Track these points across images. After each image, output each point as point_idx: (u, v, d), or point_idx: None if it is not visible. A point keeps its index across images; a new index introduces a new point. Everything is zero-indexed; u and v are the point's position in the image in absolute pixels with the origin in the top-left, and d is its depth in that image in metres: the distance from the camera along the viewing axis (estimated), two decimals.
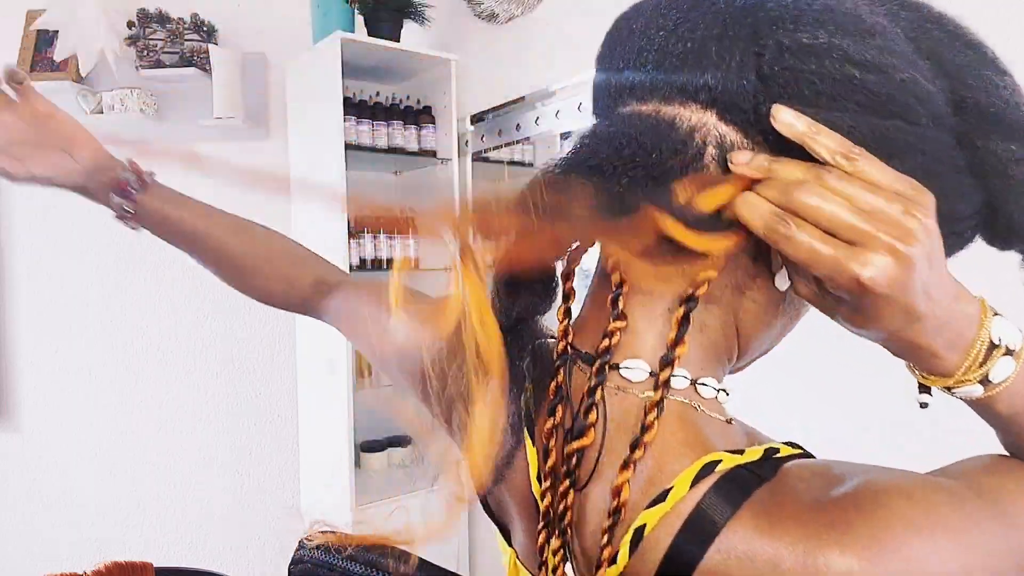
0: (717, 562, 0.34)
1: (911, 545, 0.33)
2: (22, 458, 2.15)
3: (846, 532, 0.33)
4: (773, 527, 0.34)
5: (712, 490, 0.36)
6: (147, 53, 2.08)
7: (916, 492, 0.35)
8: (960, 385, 0.37)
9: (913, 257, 0.32)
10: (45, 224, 2.15)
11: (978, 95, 0.37)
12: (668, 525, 0.36)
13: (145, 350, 2.22)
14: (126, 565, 0.62)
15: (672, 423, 0.39)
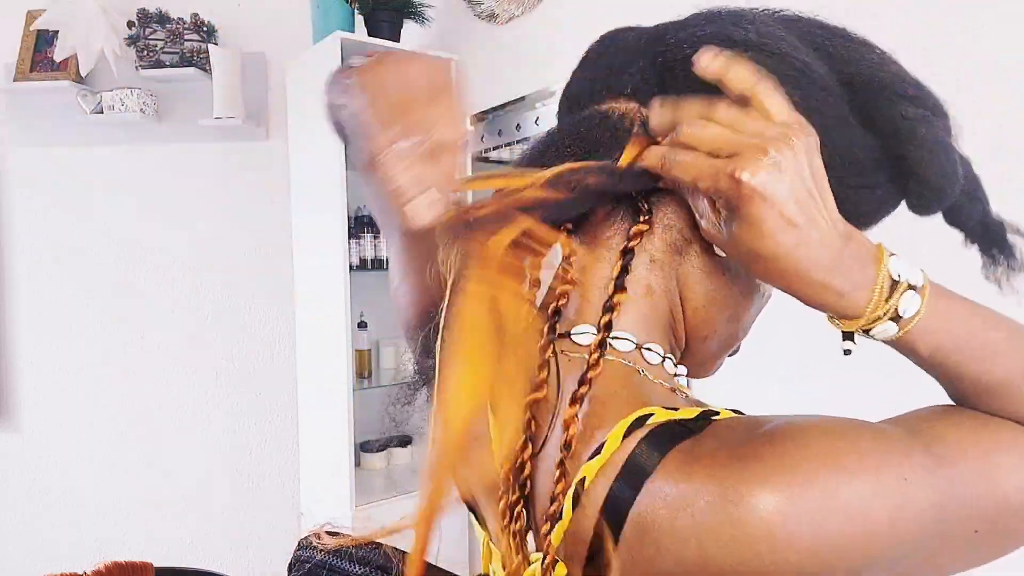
0: (645, 507, 0.35)
1: (826, 478, 0.32)
2: (22, 458, 2.15)
3: (759, 466, 0.33)
4: (692, 468, 0.34)
5: (643, 440, 0.37)
6: (147, 53, 2.08)
7: (836, 429, 0.35)
8: (873, 324, 0.39)
9: (784, 162, 0.35)
10: (45, 224, 2.16)
11: (861, 69, 0.42)
12: (605, 477, 0.37)
13: (145, 350, 2.22)
14: (126, 565, 0.62)
15: (615, 383, 0.41)
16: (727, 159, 0.36)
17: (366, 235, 2.22)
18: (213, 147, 2.25)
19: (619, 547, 0.35)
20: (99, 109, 2.05)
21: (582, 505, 0.37)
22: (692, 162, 0.38)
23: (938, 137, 0.42)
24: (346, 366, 1.98)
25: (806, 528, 0.32)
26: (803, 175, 0.36)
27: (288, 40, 2.27)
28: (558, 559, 0.39)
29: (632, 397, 0.40)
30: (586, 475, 0.37)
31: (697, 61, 0.38)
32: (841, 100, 0.42)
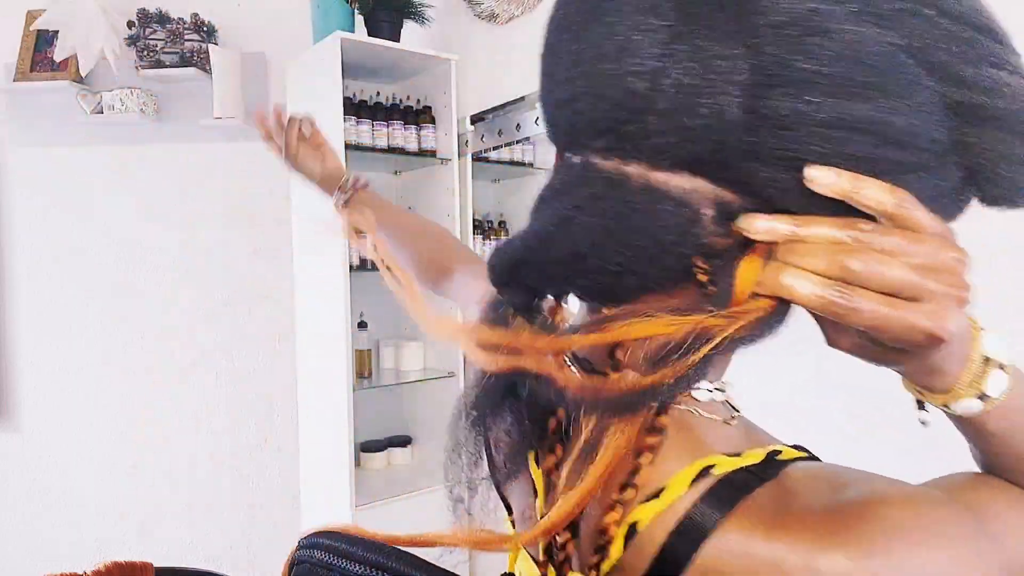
0: (711, 560, 0.34)
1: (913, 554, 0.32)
2: (22, 458, 2.15)
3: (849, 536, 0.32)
4: (774, 527, 0.34)
5: (709, 492, 0.36)
6: (147, 53, 2.08)
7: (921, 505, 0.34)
8: (958, 400, 0.37)
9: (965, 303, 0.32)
10: (45, 224, 2.16)
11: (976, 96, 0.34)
12: (662, 523, 0.36)
13: (145, 350, 2.22)
14: (126, 565, 0.62)
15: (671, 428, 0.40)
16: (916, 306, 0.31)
17: (366, 235, 2.22)
18: (213, 147, 2.25)
19: None
20: (99, 109, 2.05)
21: (634, 546, 0.37)
22: (871, 309, 0.31)
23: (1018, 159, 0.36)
24: (346, 366, 1.98)
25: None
26: None
27: (288, 40, 2.27)
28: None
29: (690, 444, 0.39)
30: (640, 518, 0.37)
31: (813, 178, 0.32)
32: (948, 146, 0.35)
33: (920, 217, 0.32)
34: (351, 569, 0.42)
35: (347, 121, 2.04)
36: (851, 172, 0.32)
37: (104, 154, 2.18)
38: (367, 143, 2.13)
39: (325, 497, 2.16)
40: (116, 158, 2.19)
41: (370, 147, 2.14)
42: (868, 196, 0.32)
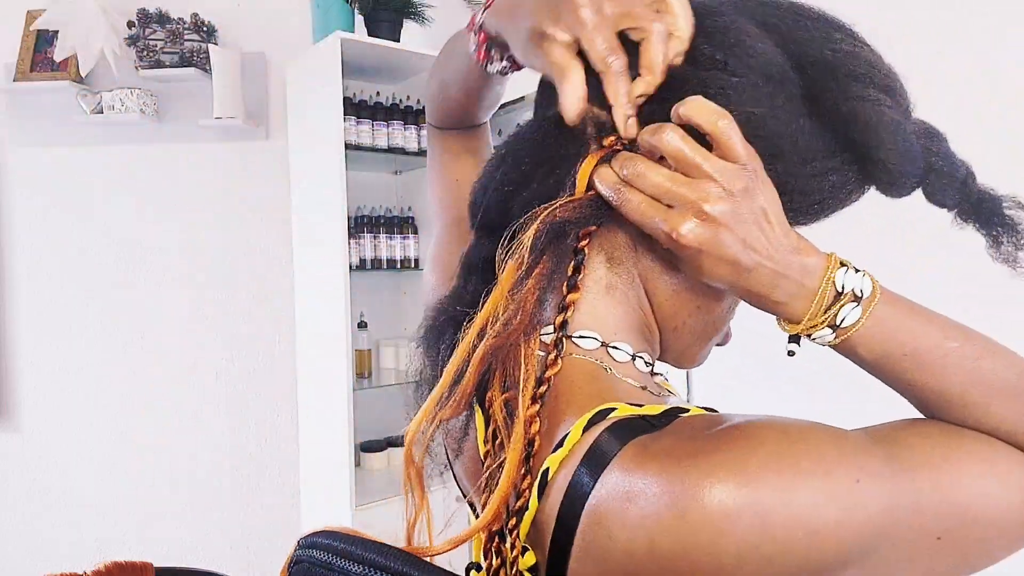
0: (601, 497, 0.36)
1: (775, 475, 0.33)
2: (22, 458, 2.15)
3: (709, 460, 0.33)
4: (646, 460, 0.35)
5: (603, 432, 0.38)
6: (147, 53, 2.08)
7: (793, 429, 0.35)
8: (812, 330, 0.41)
9: (718, 217, 0.37)
10: (45, 224, 2.16)
11: (811, 51, 0.42)
12: (567, 468, 0.38)
13: (145, 350, 2.22)
14: (126, 565, 0.62)
15: (579, 380, 0.42)
16: (666, 211, 0.38)
17: (366, 235, 2.22)
18: (213, 147, 2.25)
19: (576, 536, 0.36)
20: (99, 109, 2.05)
21: (546, 495, 0.39)
22: (637, 205, 0.39)
23: (884, 116, 0.41)
24: (346, 366, 1.98)
25: (750, 524, 0.32)
26: (741, 217, 0.38)
27: (288, 40, 2.27)
28: (527, 547, 0.40)
29: (595, 393, 0.41)
30: (550, 466, 0.39)
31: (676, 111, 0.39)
32: (788, 85, 0.42)
33: (735, 142, 0.38)
34: (350, 568, 0.42)
35: (347, 121, 2.04)
36: None
37: (104, 154, 2.18)
38: (367, 143, 2.13)
39: (325, 497, 2.16)
40: (116, 158, 2.19)
41: (370, 147, 2.14)
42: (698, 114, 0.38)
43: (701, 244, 0.38)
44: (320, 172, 2.08)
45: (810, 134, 0.42)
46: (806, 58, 0.42)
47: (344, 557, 0.43)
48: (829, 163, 0.43)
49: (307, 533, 0.47)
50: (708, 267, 0.39)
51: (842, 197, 0.45)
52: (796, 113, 0.42)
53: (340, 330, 1.98)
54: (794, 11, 0.44)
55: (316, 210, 2.12)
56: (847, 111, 0.42)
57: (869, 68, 0.43)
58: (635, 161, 0.40)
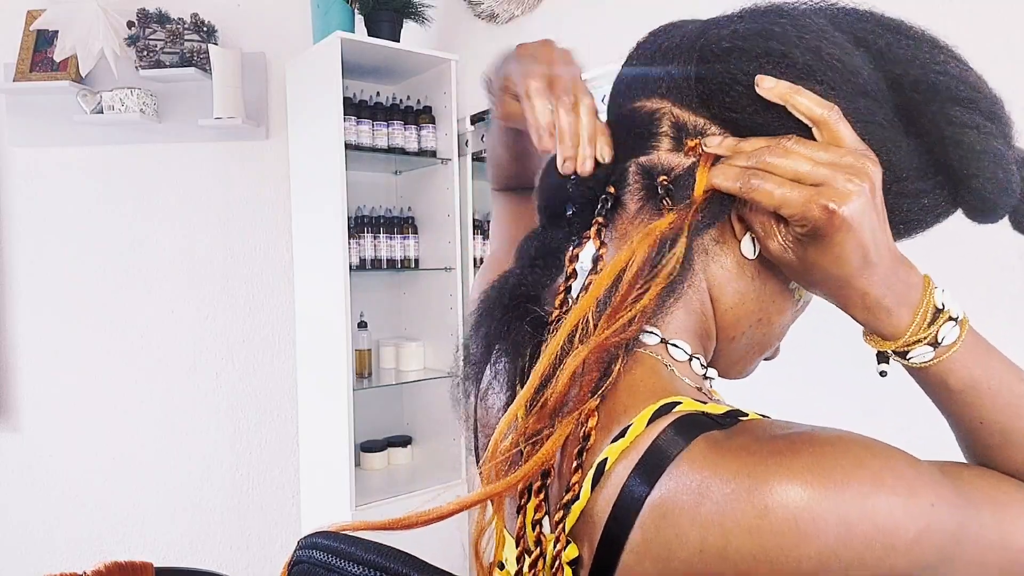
0: (668, 491, 0.35)
1: (860, 484, 0.32)
2: (22, 458, 2.15)
3: (794, 462, 0.33)
4: (721, 457, 0.34)
5: (670, 427, 0.37)
6: (147, 53, 2.08)
7: (875, 445, 0.35)
8: (911, 347, 0.40)
9: (868, 192, 0.37)
10: (45, 224, 2.16)
11: (910, 69, 0.41)
12: (627, 460, 0.37)
13: (145, 350, 2.22)
14: (126, 565, 0.62)
15: (641, 372, 0.42)
16: (815, 188, 0.37)
17: (366, 235, 2.22)
18: (213, 147, 2.25)
19: (634, 529, 0.35)
20: (99, 109, 2.05)
21: (601, 486, 0.38)
22: (775, 188, 0.38)
23: (988, 144, 0.41)
24: (346, 366, 1.98)
25: (832, 528, 0.32)
26: (876, 206, 0.38)
27: (288, 40, 2.27)
28: (571, 540, 0.39)
29: (659, 387, 0.41)
30: (608, 456, 0.38)
31: (760, 84, 0.40)
32: (883, 103, 0.41)
33: (842, 129, 0.38)
34: (350, 569, 0.42)
35: (347, 121, 2.04)
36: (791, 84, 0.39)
37: (104, 154, 2.18)
38: (367, 143, 2.13)
39: (325, 497, 2.16)
40: (116, 158, 2.19)
41: (370, 147, 2.14)
42: (801, 103, 0.39)
43: (854, 219, 0.37)
44: (320, 172, 2.08)
45: (906, 153, 0.42)
46: (906, 77, 0.42)
47: (344, 558, 0.43)
48: (922, 184, 0.43)
49: (307, 534, 0.47)
50: (848, 251, 0.38)
51: (929, 220, 0.44)
52: (894, 130, 0.42)
53: (340, 330, 1.98)
54: (894, 28, 0.43)
55: (316, 210, 2.12)
56: (949, 136, 0.41)
57: (973, 92, 0.42)
58: (761, 152, 0.39)
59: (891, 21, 0.44)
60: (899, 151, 0.41)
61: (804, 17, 0.42)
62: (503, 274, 0.50)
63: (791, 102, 0.39)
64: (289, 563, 0.46)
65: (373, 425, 2.41)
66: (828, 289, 0.41)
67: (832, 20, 0.43)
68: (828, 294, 0.42)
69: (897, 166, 0.41)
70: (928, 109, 0.41)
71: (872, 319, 0.41)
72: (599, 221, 0.45)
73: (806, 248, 0.39)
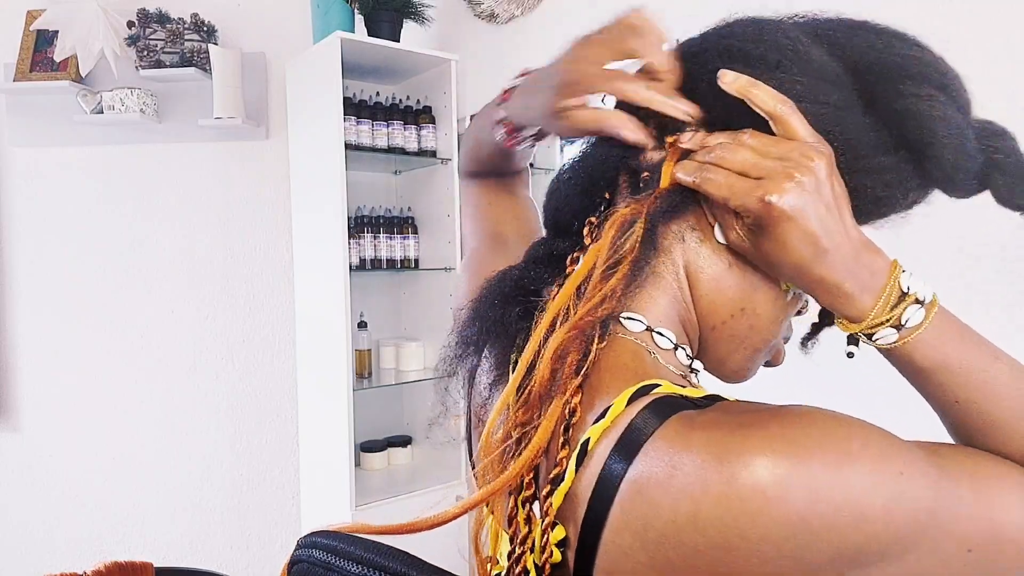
0: (643, 467, 0.36)
1: (827, 455, 0.33)
2: (22, 458, 2.15)
3: (761, 434, 0.34)
4: (692, 431, 0.35)
5: (647, 407, 0.38)
6: (147, 53, 2.08)
7: (844, 418, 0.35)
8: (875, 329, 0.42)
9: (808, 185, 0.39)
10: (45, 224, 2.16)
11: (865, 56, 0.44)
12: (607, 439, 0.38)
13: (145, 350, 2.22)
14: (126, 565, 0.62)
15: (625, 357, 0.43)
16: (756, 181, 0.40)
17: (366, 235, 2.22)
18: (213, 147, 2.25)
19: (614, 506, 0.36)
20: (99, 109, 2.05)
21: (584, 466, 0.39)
22: (724, 181, 0.41)
23: (939, 112, 0.42)
24: (346, 366, 1.98)
25: (800, 496, 0.32)
26: (823, 193, 0.39)
27: (288, 40, 2.27)
28: (557, 521, 0.40)
29: (640, 370, 0.42)
30: (591, 436, 0.39)
31: (721, 78, 0.42)
32: (840, 86, 0.43)
33: (794, 122, 0.41)
34: (350, 569, 0.43)
35: (347, 121, 2.04)
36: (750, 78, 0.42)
37: (104, 154, 2.18)
38: (367, 143, 2.13)
39: (325, 497, 2.16)
40: (116, 158, 2.19)
41: (370, 147, 2.14)
42: (757, 96, 0.41)
43: (793, 210, 0.39)
44: (320, 172, 2.08)
45: (864, 130, 0.43)
46: (862, 63, 0.44)
47: (343, 557, 0.44)
48: (885, 160, 0.44)
49: (307, 533, 0.47)
50: (794, 240, 0.39)
51: (899, 197, 0.45)
52: (850, 111, 0.43)
53: (340, 330, 1.98)
54: (856, 25, 0.46)
55: (316, 210, 2.12)
56: (900, 108, 0.42)
57: (924, 67, 0.43)
58: (715, 147, 0.42)
59: (852, 20, 0.46)
60: (856, 129, 0.43)
61: (768, 20, 0.45)
62: (505, 269, 0.51)
63: (749, 96, 0.41)
64: (289, 562, 0.47)
65: (373, 425, 2.41)
66: (788, 276, 0.43)
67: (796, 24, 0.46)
68: (790, 281, 0.44)
69: (856, 144, 0.43)
70: (881, 88, 0.43)
71: (834, 303, 0.42)
72: (591, 221, 0.48)
73: (758, 238, 0.41)
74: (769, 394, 0.44)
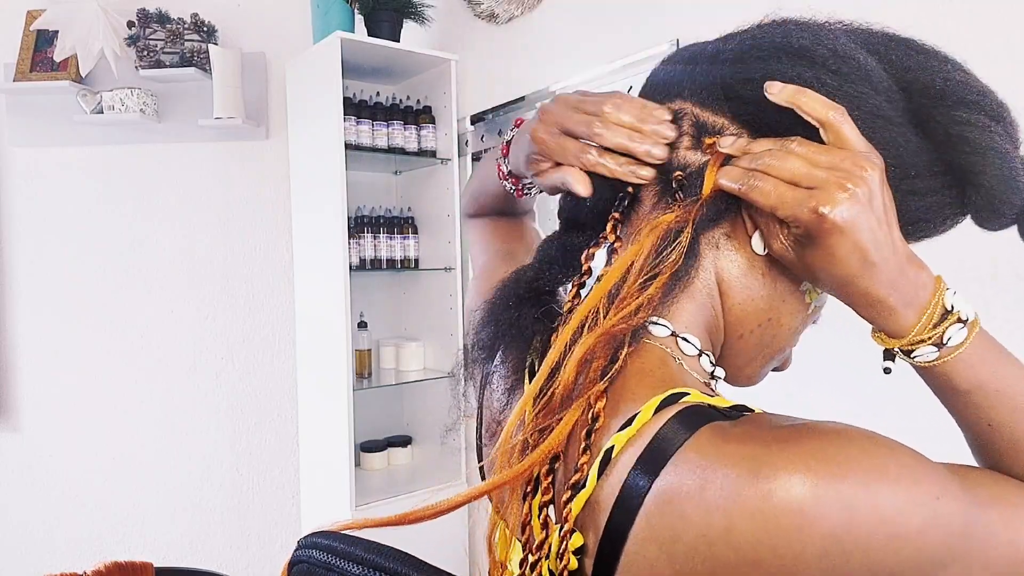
0: (672, 478, 0.35)
1: (864, 474, 0.32)
2: (22, 458, 2.15)
3: (797, 449, 0.33)
4: (726, 443, 0.34)
5: (676, 416, 0.37)
6: (147, 53, 2.08)
7: (880, 438, 0.35)
8: (916, 346, 0.41)
9: (862, 196, 0.38)
10: (45, 224, 2.16)
11: (920, 76, 0.43)
12: (633, 447, 0.37)
13: (145, 350, 2.22)
14: (126, 565, 0.62)
15: (651, 363, 0.43)
16: (808, 191, 0.38)
17: (366, 235, 2.22)
18: (213, 147, 2.25)
19: (639, 518, 0.35)
20: (99, 109, 2.05)
21: (607, 474, 0.38)
22: (772, 190, 0.39)
23: (993, 143, 0.41)
24: (346, 366, 1.98)
25: (836, 514, 0.32)
26: (875, 205, 0.38)
27: (288, 40, 2.27)
28: (576, 528, 0.39)
29: (667, 377, 0.41)
30: (615, 444, 0.38)
31: (768, 89, 0.41)
32: (893, 101, 0.42)
33: (847, 131, 0.39)
34: (350, 569, 0.43)
35: (347, 121, 2.04)
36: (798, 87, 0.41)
37: (104, 154, 2.18)
38: (367, 143, 2.13)
39: (325, 497, 2.16)
40: (116, 158, 2.19)
41: (370, 147, 2.14)
42: (806, 104, 0.40)
43: (846, 223, 0.37)
44: (320, 172, 2.08)
45: (915, 151, 0.42)
46: (915, 84, 0.43)
47: (344, 557, 0.44)
48: (931, 183, 0.43)
49: (307, 533, 0.47)
50: (842, 256, 0.38)
51: (937, 222, 0.45)
52: (903, 127, 0.42)
53: (340, 330, 1.98)
54: (904, 43, 0.45)
55: (316, 210, 2.12)
56: (955, 134, 0.42)
57: (978, 96, 0.43)
58: (763, 155, 0.41)
59: (902, 37, 0.45)
60: (908, 148, 0.42)
61: (818, 24, 0.44)
62: (519, 268, 0.51)
63: (797, 103, 0.40)
64: (289, 562, 0.46)
65: (373, 425, 2.41)
66: (831, 287, 0.42)
67: (846, 32, 0.45)
68: (832, 292, 0.43)
69: (905, 163, 0.42)
70: (936, 111, 0.42)
71: (877, 317, 0.41)
72: (615, 217, 0.47)
73: (804, 249, 0.40)
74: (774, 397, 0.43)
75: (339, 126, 1.96)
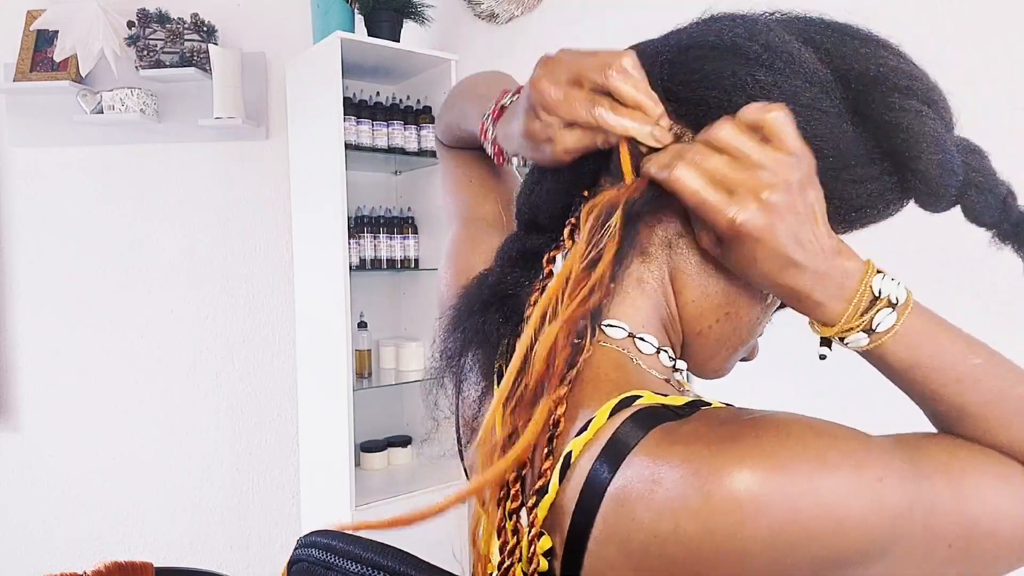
0: (625, 481, 0.36)
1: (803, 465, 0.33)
2: (22, 458, 2.15)
3: (736, 446, 0.34)
4: (672, 445, 0.35)
5: (629, 419, 0.38)
6: (147, 53, 2.08)
7: (820, 426, 0.35)
8: (847, 334, 0.42)
9: (776, 205, 0.38)
10: (45, 224, 2.16)
11: (855, 64, 0.43)
12: (590, 452, 0.38)
13: (145, 350, 2.22)
14: (126, 565, 0.62)
15: (607, 366, 0.43)
16: (726, 196, 0.38)
17: (366, 235, 2.22)
18: (213, 147, 2.25)
19: (597, 520, 0.37)
20: (99, 109, 2.05)
21: (567, 478, 0.39)
22: (691, 185, 0.39)
23: (926, 127, 0.42)
24: (346, 366, 1.98)
25: (777, 508, 0.32)
26: (795, 209, 0.38)
27: (288, 40, 2.27)
28: (543, 532, 0.40)
29: (622, 381, 0.42)
30: (573, 449, 0.39)
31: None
32: (829, 93, 0.43)
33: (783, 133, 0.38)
34: (349, 568, 0.43)
35: (347, 121, 2.04)
36: None
37: (104, 154, 2.19)
38: (367, 143, 2.13)
39: (325, 497, 2.16)
40: (116, 158, 2.19)
41: (370, 147, 2.14)
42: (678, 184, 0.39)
43: (760, 231, 0.38)
44: (320, 172, 2.08)
45: (852, 140, 0.43)
46: (851, 72, 0.43)
47: (343, 556, 0.44)
48: (869, 170, 0.43)
49: (306, 533, 0.47)
50: (761, 259, 0.39)
51: (880, 208, 0.45)
52: (839, 118, 0.43)
53: (340, 330, 1.98)
54: (839, 30, 0.45)
55: (316, 210, 2.12)
56: (889, 120, 0.42)
57: (912, 81, 0.43)
58: (688, 148, 0.40)
59: (838, 24, 0.45)
60: (845, 138, 0.43)
61: (753, 17, 0.45)
62: (482, 273, 0.51)
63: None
64: (289, 562, 0.47)
65: (373, 425, 2.41)
66: (757, 284, 0.43)
67: (781, 23, 0.45)
68: (760, 288, 0.44)
69: (843, 153, 0.43)
70: (871, 98, 0.43)
71: (805, 310, 0.42)
72: (571, 222, 0.47)
73: (727, 250, 0.41)
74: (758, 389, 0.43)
75: (339, 126, 1.96)
